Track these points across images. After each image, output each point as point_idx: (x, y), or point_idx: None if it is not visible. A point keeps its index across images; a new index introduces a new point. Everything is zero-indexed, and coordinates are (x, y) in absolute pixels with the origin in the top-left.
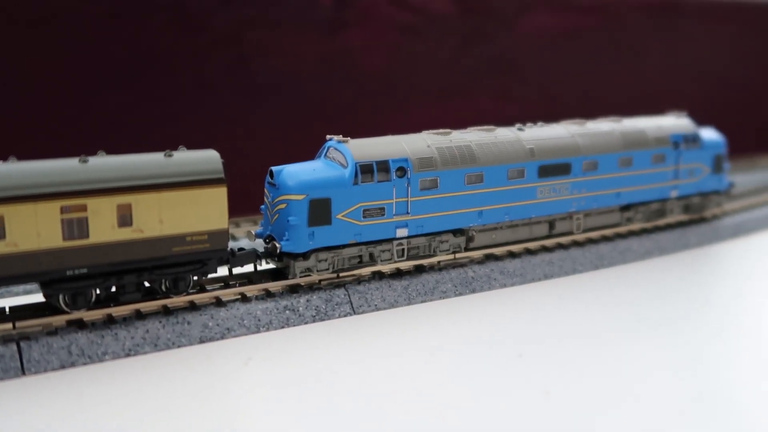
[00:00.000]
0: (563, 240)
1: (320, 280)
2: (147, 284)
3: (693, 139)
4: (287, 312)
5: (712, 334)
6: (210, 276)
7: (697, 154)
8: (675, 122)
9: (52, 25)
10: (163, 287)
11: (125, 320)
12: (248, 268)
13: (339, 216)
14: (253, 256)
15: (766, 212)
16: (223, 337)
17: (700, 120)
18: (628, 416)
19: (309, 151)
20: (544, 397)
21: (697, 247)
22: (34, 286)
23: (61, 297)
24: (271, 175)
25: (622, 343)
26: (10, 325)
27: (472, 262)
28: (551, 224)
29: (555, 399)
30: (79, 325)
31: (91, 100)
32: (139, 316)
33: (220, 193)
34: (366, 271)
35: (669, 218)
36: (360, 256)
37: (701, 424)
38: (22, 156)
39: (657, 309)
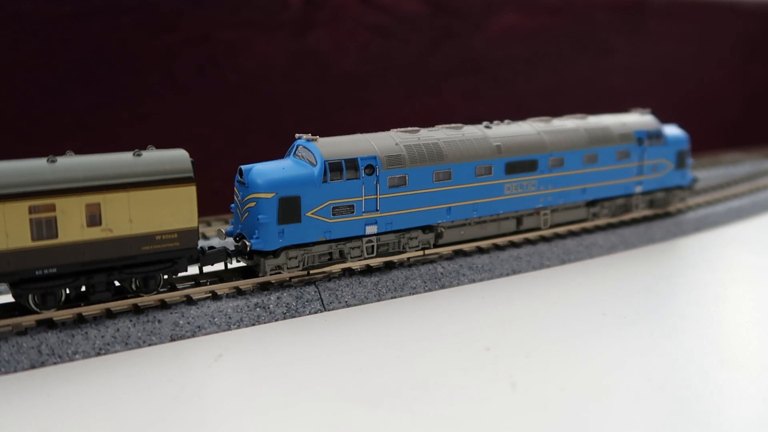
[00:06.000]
0: (531, 235)
1: (291, 278)
2: (117, 283)
3: (656, 136)
4: (258, 309)
5: (675, 326)
6: (180, 274)
7: (661, 150)
8: (639, 119)
9: (16, 25)
10: (134, 286)
11: (95, 319)
12: (219, 266)
13: (308, 214)
14: (224, 255)
15: (728, 207)
16: (194, 335)
17: (665, 117)
18: (593, 406)
19: (278, 150)
20: (511, 389)
21: (662, 241)
22: (3, 286)
23: (30, 297)
24: (241, 173)
25: (588, 335)
26: None
27: (441, 258)
28: (519, 220)
29: (521, 391)
30: (49, 324)
31: (59, 100)
32: (110, 315)
33: (190, 192)
34: (336, 268)
35: (634, 213)
36: (330, 254)
37: (664, 413)
38: None
39: (622, 302)
